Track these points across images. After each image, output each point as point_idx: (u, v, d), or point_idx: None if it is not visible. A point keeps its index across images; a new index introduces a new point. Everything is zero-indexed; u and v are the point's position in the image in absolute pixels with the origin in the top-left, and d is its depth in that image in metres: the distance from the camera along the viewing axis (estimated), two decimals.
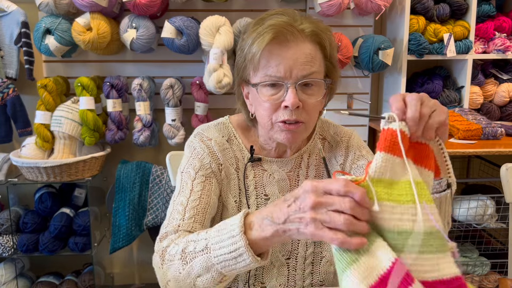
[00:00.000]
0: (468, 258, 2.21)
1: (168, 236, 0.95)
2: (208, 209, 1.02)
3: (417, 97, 0.72)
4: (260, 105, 1.01)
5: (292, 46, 0.95)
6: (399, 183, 0.68)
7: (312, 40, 0.98)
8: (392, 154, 0.68)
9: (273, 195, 1.10)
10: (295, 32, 0.95)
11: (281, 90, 0.97)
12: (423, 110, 0.72)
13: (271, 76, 0.96)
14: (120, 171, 2.25)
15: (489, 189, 2.25)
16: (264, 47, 0.95)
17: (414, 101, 0.71)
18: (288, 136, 1.00)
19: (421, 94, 0.74)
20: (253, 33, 0.98)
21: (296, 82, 0.96)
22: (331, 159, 1.15)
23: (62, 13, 2.10)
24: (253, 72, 1.00)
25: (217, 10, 2.25)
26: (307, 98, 0.98)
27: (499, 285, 1.30)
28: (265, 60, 0.96)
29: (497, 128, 2.06)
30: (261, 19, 1.00)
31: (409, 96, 0.72)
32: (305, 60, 0.96)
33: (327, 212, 0.67)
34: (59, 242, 2.17)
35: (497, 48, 2.29)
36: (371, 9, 2.17)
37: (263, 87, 0.98)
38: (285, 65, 0.95)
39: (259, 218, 0.77)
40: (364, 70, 2.32)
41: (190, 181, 1.04)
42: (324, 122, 1.19)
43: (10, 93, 2.16)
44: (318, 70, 0.98)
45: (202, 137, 1.11)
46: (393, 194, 0.67)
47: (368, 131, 2.46)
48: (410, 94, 0.74)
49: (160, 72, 2.36)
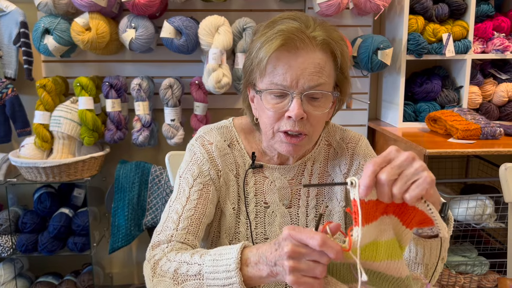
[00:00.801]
0: (467, 257, 2.21)
1: (161, 245, 0.95)
2: (203, 219, 1.01)
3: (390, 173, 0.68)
4: (263, 112, 0.98)
5: (302, 54, 0.91)
6: (375, 244, 0.71)
7: (323, 49, 0.93)
8: (369, 223, 0.69)
9: (273, 203, 1.08)
10: (306, 40, 0.91)
11: (286, 99, 0.93)
12: (396, 189, 0.68)
13: (277, 84, 0.93)
14: (119, 171, 2.25)
15: (488, 189, 2.25)
16: (271, 53, 0.91)
17: (386, 180, 0.67)
18: (289, 149, 0.97)
19: (400, 162, 0.69)
20: (262, 36, 0.94)
21: (302, 93, 0.92)
22: (335, 167, 1.11)
23: (61, 13, 2.10)
24: (260, 77, 0.96)
25: (216, 10, 2.25)
26: (313, 110, 0.94)
27: (498, 284, 1.31)
28: (272, 66, 0.93)
29: (496, 128, 2.06)
30: (272, 22, 0.96)
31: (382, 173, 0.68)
32: (314, 71, 0.91)
33: (305, 262, 0.69)
34: (58, 242, 2.17)
35: (496, 48, 2.30)
36: (370, 9, 2.17)
37: (268, 94, 0.95)
38: (292, 74, 0.91)
39: (256, 256, 0.77)
40: (363, 70, 2.32)
41: (188, 188, 1.03)
42: (331, 126, 1.14)
43: (9, 93, 2.16)
44: (326, 81, 0.94)
45: (204, 140, 1.08)
46: (366, 254, 0.71)
47: (367, 131, 2.46)
48: (387, 160, 0.69)
49: (159, 72, 2.36)
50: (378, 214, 0.71)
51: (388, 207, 0.72)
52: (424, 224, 0.75)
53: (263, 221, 1.08)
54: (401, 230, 0.74)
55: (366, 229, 0.68)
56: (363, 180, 0.68)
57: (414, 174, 0.69)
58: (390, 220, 0.73)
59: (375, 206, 0.70)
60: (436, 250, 0.86)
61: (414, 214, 0.72)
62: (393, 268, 0.71)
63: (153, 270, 0.89)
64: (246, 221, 1.07)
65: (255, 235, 1.07)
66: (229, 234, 1.07)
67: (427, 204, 0.70)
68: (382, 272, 0.72)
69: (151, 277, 0.89)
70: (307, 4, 2.31)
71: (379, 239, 0.71)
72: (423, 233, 0.84)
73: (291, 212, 1.08)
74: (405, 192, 0.68)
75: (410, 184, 0.68)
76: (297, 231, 0.69)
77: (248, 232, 1.06)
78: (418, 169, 0.69)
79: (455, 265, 2.20)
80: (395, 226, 0.74)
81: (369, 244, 0.71)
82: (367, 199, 0.68)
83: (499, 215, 2.12)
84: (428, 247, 0.85)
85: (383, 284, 0.74)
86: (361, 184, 0.68)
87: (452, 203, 2.14)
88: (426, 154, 1.85)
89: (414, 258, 0.87)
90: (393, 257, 0.71)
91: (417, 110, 2.37)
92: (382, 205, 0.71)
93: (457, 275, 2.19)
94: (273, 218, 1.08)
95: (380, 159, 0.70)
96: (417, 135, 2.16)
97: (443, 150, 1.87)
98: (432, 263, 0.87)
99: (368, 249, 0.71)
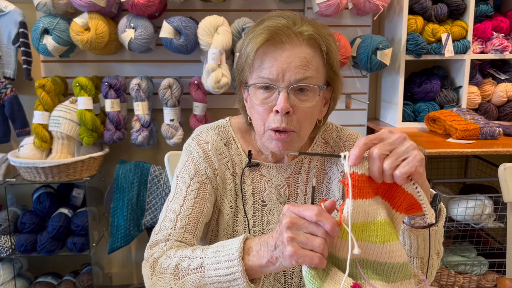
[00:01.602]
0: (466, 257, 2.22)
1: (159, 244, 0.95)
2: (201, 217, 1.01)
3: (382, 148, 0.72)
4: (253, 109, 0.99)
5: (287, 48, 0.92)
6: (371, 224, 0.73)
7: (309, 44, 0.94)
8: (362, 198, 0.72)
9: (271, 201, 1.08)
10: (291, 35, 0.92)
11: (274, 93, 0.94)
12: (386, 164, 0.71)
13: (264, 78, 0.93)
14: (118, 171, 2.25)
15: (487, 189, 2.25)
16: (258, 47, 0.92)
17: (377, 154, 0.71)
18: (278, 145, 0.97)
19: (392, 140, 0.73)
20: (250, 33, 0.97)
21: (288, 86, 0.92)
22: (332, 165, 1.11)
23: (60, 13, 2.10)
24: (249, 73, 0.98)
25: (216, 10, 2.25)
26: (300, 104, 0.94)
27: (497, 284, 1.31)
28: (259, 61, 0.94)
29: (495, 128, 2.06)
30: (261, 21, 0.98)
31: (375, 148, 0.72)
32: (300, 64, 0.92)
33: (303, 234, 0.71)
34: (57, 242, 2.17)
35: (495, 48, 2.30)
36: (369, 9, 2.18)
37: (257, 90, 0.96)
38: (277, 67, 0.92)
39: (258, 245, 0.78)
40: (362, 70, 2.32)
41: (185, 187, 1.03)
42: (328, 125, 1.15)
43: (8, 93, 2.16)
44: (313, 75, 0.94)
45: (200, 140, 1.09)
46: (363, 234, 0.72)
47: (366, 131, 2.47)
48: (379, 138, 0.73)
49: (158, 72, 2.36)
50: (371, 193, 0.73)
51: (379, 189, 0.75)
52: (413, 210, 0.76)
53: (261, 219, 1.08)
54: (392, 214, 0.76)
55: (359, 203, 0.71)
56: (353, 150, 0.72)
57: (405, 152, 0.72)
58: (382, 202, 0.75)
59: (367, 181, 0.72)
60: (432, 239, 0.86)
61: (404, 198, 0.75)
62: (394, 252, 0.72)
63: (152, 268, 0.89)
64: (244, 219, 1.07)
65: (253, 233, 1.07)
66: (227, 233, 1.07)
67: (416, 186, 0.73)
68: (385, 261, 0.73)
69: (150, 276, 0.89)
70: (306, 4, 2.31)
71: (375, 219, 0.73)
72: (416, 224, 0.85)
73: None
74: (396, 169, 0.71)
75: (401, 161, 0.72)
76: (296, 205, 0.73)
77: (246, 230, 1.07)
78: (409, 148, 0.72)
79: (454, 265, 2.20)
80: (387, 209, 0.75)
81: (366, 223, 0.72)
82: (360, 172, 0.72)
83: (498, 215, 2.12)
84: (421, 237, 0.86)
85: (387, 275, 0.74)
86: (351, 153, 0.72)
87: (451, 203, 2.14)
88: (425, 154, 1.85)
89: (408, 251, 0.88)
90: (391, 239, 0.72)
91: (416, 110, 2.37)
92: (374, 185, 0.73)
93: (456, 275, 2.19)
94: (270, 216, 1.08)
95: (373, 136, 0.74)
96: (416, 135, 2.16)
97: (442, 150, 1.88)
98: (427, 255, 0.88)
99: (365, 229, 0.72)
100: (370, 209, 0.72)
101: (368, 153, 0.73)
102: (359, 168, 0.72)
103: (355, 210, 0.70)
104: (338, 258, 0.74)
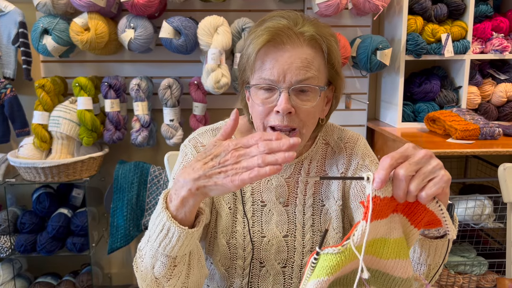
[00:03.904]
0: (465, 258, 2.21)
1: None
2: None
3: (408, 169, 0.67)
4: (253, 108, 0.99)
5: (288, 49, 0.92)
6: (381, 241, 0.71)
7: (311, 45, 0.94)
8: (378, 219, 0.68)
9: (270, 201, 1.08)
10: (292, 36, 0.92)
11: (275, 94, 0.94)
12: (413, 186, 0.67)
13: (265, 79, 0.94)
14: (118, 171, 2.25)
15: (487, 189, 2.25)
16: (259, 48, 0.92)
17: (404, 175, 0.66)
18: None
19: (418, 159, 0.68)
20: (251, 34, 0.97)
21: (290, 87, 0.92)
22: (332, 166, 1.10)
23: (60, 13, 2.10)
24: (251, 74, 0.98)
25: (215, 10, 2.25)
26: (301, 104, 0.94)
27: (496, 284, 1.31)
28: (260, 62, 0.94)
29: (494, 128, 2.06)
30: (262, 21, 0.98)
31: (401, 169, 0.67)
32: (301, 65, 0.92)
33: (245, 160, 0.72)
34: (57, 242, 2.17)
35: (494, 48, 2.30)
36: (369, 9, 2.18)
37: (258, 90, 0.96)
38: (278, 68, 0.92)
39: (173, 187, 0.79)
40: (362, 70, 2.32)
41: None
42: (329, 126, 1.14)
43: (8, 93, 2.16)
44: (315, 75, 0.94)
45: (196, 142, 1.09)
46: (371, 249, 0.70)
47: (366, 131, 2.47)
48: (404, 156, 0.68)
49: (158, 72, 2.36)
50: (389, 212, 0.70)
51: (398, 206, 0.71)
52: (431, 225, 0.74)
53: (260, 220, 1.08)
54: (409, 230, 0.73)
55: (374, 224, 0.67)
56: (378, 173, 0.67)
57: (432, 172, 0.68)
58: (399, 218, 0.72)
59: (388, 203, 0.68)
60: (440, 251, 0.86)
61: (424, 215, 0.71)
62: (399, 267, 0.71)
63: (135, 265, 0.91)
64: (243, 220, 1.07)
65: (252, 233, 1.07)
66: (226, 234, 1.07)
67: (439, 204, 0.69)
68: (387, 272, 0.72)
69: (136, 271, 0.91)
70: (306, 4, 2.31)
71: (388, 237, 0.71)
72: (429, 234, 0.84)
73: (288, 210, 1.08)
74: (422, 190, 0.68)
75: (427, 181, 0.68)
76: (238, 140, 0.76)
77: (246, 230, 1.06)
78: (436, 167, 0.68)
79: (454, 265, 2.20)
80: (403, 225, 0.73)
81: (377, 240, 0.70)
82: (382, 196, 0.67)
83: (497, 215, 2.12)
84: (433, 248, 0.85)
85: (387, 285, 0.73)
86: (376, 176, 0.67)
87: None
88: None
89: (417, 258, 0.87)
90: (400, 256, 0.70)
91: (416, 110, 2.37)
92: (394, 202, 0.70)
93: (456, 275, 2.19)
94: (270, 217, 1.08)
95: (398, 154, 0.68)
96: (416, 135, 2.16)
97: (442, 150, 1.88)
98: (435, 263, 0.87)
99: (376, 245, 0.70)
100: (384, 227, 0.70)
101: (393, 173, 0.68)
102: (382, 191, 0.67)
103: (370, 232, 0.66)
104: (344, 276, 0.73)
